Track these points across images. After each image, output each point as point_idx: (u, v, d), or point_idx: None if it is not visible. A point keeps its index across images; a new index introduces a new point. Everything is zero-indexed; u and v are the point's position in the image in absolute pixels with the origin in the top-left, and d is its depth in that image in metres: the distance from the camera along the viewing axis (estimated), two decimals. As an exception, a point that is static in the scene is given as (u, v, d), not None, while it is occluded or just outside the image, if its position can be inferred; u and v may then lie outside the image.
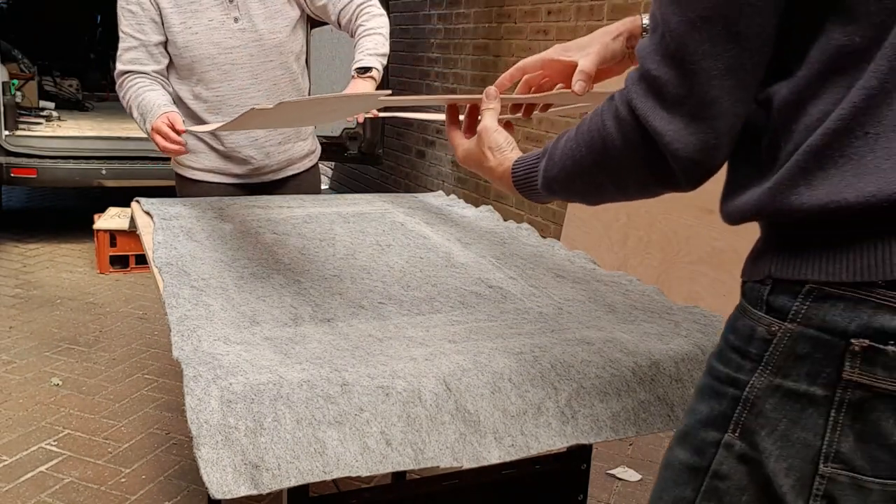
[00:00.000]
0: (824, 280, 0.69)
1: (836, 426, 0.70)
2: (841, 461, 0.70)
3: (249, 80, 1.94)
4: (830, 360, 0.69)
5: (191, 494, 2.17)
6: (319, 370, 0.94)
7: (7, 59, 5.29)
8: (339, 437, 0.87)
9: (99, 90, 7.15)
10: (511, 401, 0.97)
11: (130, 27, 1.88)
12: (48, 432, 2.47)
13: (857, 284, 0.67)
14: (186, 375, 0.91)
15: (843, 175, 0.68)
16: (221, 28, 1.88)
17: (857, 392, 0.68)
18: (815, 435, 0.70)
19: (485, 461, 0.93)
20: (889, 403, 0.68)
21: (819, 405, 0.70)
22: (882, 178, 0.66)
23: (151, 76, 1.91)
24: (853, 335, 0.68)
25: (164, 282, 1.25)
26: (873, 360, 0.67)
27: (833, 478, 0.70)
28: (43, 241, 4.78)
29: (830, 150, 0.68)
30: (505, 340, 1.09)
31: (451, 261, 1.48)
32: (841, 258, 0.69)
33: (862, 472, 0.70)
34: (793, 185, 0.71)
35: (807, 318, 0.70)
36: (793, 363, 0.71)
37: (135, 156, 4.62)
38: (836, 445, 0.70)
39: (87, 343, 3.21)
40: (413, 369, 0.97)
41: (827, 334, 0.69)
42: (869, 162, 0.67)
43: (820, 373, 0.70)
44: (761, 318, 0.73)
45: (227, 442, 0.84)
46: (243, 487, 0.82)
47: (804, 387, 0.71)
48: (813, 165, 0.69)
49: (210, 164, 2.02)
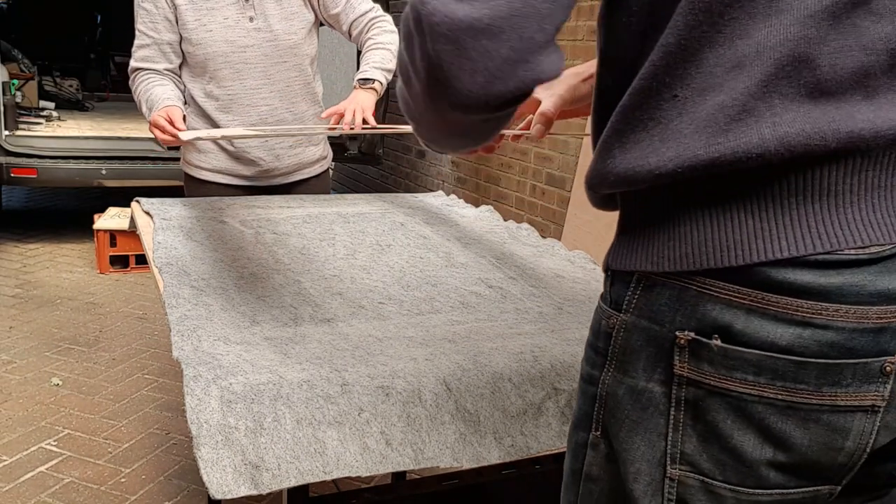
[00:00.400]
0: (650, 270, 0.65)
1: (677, 425, 0.65)
2: (687, 462, 0.66)
3: (262, 80, 1.94)
4: (663, 353, 0.65)
5: (191, 494, 2.17)
6: (319, 370, 0.94)
7: (7, 59, 5.29)
8: (339, 438, 0.87)
9: (99, 90, 7.14)
10: (511, 401, 0.97)
11: (144, 25, 1.89)
12: (48, 432, 2.47)
13: (678, 273, 0.63)
14: (186, 375, 0.90)
15: (651, 139, 0.64)
16: (236, 27, 1.89)
17: (690, 389, 0.64)
18: (658, 435, 0.66)
19: (485, 461, 0.93)
20: (721, 402, 0.63)
21: (659, 403, 0.66)
22: (681, 143, 0.62)
23: (162, 73, 1.91)
24: (679, 327, 0.63)
25: (164, 282, 1.25)
26: (699, 355, 0.63)
27: (682, 480, 0.66)
28: (43, 241, 4.78)
29: (640, 112, 0.65)
30: (505, 340, 1.09)
31: (451, 261, 1.48)
32: (662, 246, 0.65)
33: (711, 477, 0.65)
34: (609, 149, 0.67)
35: (638, 308, 0.66)
36: (629, 357, 0.67)
37: (135, 156, 4.62)
38: (680, 446, 0.65)
39: (87, 343, 3.20)
40: (413, 369, 0.97)
41: (656, 325, 0.65)
42: (675, 126, 0.63)
43: (655, 367, 0.66)
44: (604, 311, 0.70)
45: (227, 442, 0.84)
46: (243, 487, 0.82)
47: (642, 383, 0.66)
48: (625, 127, 0.66)
49: (219, 164, 2.02)
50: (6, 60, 5.22)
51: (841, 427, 0.63)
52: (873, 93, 0.61)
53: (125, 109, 6.28)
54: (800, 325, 0.60)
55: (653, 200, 0.66)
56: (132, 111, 6.15)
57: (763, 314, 0.60)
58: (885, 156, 0.61)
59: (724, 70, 0.61)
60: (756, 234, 0.61)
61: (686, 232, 0.64)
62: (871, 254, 0.60)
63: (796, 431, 0.62)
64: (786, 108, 0.60)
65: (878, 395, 0.62)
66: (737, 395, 0.62)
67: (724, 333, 0.62)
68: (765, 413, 0.62)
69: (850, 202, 0.61)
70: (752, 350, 0.61)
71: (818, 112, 0.60)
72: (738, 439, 0.63)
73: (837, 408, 0.62)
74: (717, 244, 0.62)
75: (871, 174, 0.61)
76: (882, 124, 0.60)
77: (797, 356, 0.61)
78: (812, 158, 0.60)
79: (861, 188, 0.61)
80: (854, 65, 0.60)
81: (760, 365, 0.61)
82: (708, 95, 0.62)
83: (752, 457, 0.63)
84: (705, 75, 0.62)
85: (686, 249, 0.63)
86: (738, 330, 0.61)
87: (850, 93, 0.61)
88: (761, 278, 0.60)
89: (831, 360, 0.60)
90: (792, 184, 0.60)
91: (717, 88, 0.61)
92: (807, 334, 0.60)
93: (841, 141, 0.59)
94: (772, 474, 0.64)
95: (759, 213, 0.61)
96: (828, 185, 0.60)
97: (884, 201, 0.62)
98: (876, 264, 0.60)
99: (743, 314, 0.61)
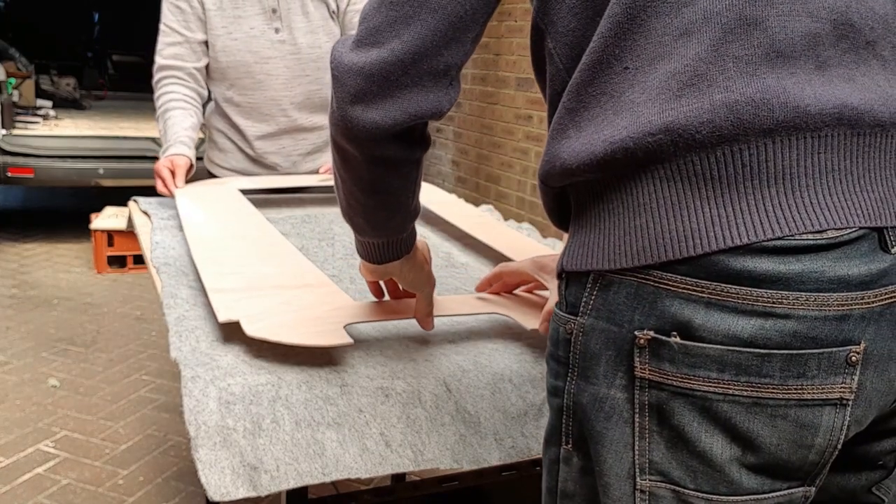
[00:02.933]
0: (606, 268, 0.64)
1: (643, 433, 0.63)
2: (657, 472, 0.63)
3: (283, 91, 1.93)
4: (623, 356, 0.63)
5: (189, 496, 2.16)
6: (318, 371, 0.94)
7: (4, 58, 5.28)
8: (339, 439, 0.86)
9: (96, 89, 7.14)
10: (511, 402, 0.96)
11: (177, 23, 1.86)
12: (45, 434, 2.46)
13: (635, 269, 0.62)
14: (184, 376, 0.90)
15: (605, 113, 0.63)
16: (261, 37, 1.88)
17: (653, 392, 0.62)
18: (624, 445, 0.64)
19: (485, 463, 0.92)
20: (685, 403, 0.61)
21: (622, 410, 0.64)
22: (635, 111, 0.61)
23: (190, 76, 1.88)
24: (638, 326, 0.62)
25: (162, 282, 1.24)
26: (659, 354, 0.61)
27: (654, 492, 0.64)
28: (40, 240, 4.76)
29: (592, 88, 0.64)
30: (505, 341, 1.08)
31: (451, 261, 1.48)
32: (618, 242, 0.63)
33: (683, 485, 0.63)
34: (563, 130, 0.66)
35: (595, 309, 0.64)
36: (590, 363, 0.65)
37: (132, 155, 4.61)
38: (648, 454, 0.63)
39: (84, 344, 3.19)
40: (413, 370, 0.96)
41: (615, 326, 0.63)
42: (627, 97, 0.62)
43: (616, 372, 0.64)
44: (560, 316, 0.68)
45: (226, 443, 0.83)
46: (241, 489, 0.81)
47: (604, 390, 0.64)
48: (578, 105, 0.65)
49: (238, 164, 2.02)
50: (3, 59, 5.21)
51: (809, 423, 0.61)
52: (824, 65, 0.61)
53: (123, 108, 6.27)
54: (761, 315, 0.59)
55: (606, 194, 0.65)
56: (130, 110, 6.15)
57: (723, 307, 0.59)
58: (834, 137, 0.60)
59: (673, 38, 0.61)
60: (713, 221, 0.59)
61: (641, 225, 0.62)
62: (828, 238, 0.59)
63: (764, 430, 0.61)
64: (741, 72, 0.59)
65: (845, 387, 0.61)
66: (701, 394, 0.61)
67: (683, 330, 0.60)
68: (731, 412, 0.60)
69: (806, 185, 0.60)
70: (713, 345, 0.59)
71: (772, 79, 0.59)
72: (706, 442, 0.61)
73: (804, 402, 0.60)
74: (673, 234, 0.60)
75: (824, 157, 0.60)
76: (827, 102, 0.60)
77: (760, 348, 0.59)
78: (761, 132, 0.59)
79: (815, 171, 0.60)
80: (803, 29, 0.60)
81: (723, 360, 0.59)
82: (658, 64, 0.61)
83: (721, 460, 0.62)
84: (654, 45, 0.62)
85: (643, 243, 0.62)
86: (699, 325, 0.60)
87: (803, 59, 0.60)
88: (719, 268, 0.59)
89: (794, 350, 0.59)
90: (746, 167, 0.59)
91: (667, 57, 0.61)
92: (768, 325, 0.59)
93: (788, 113, 0.58)
94: (744, 478, 0.62)
95: (715, 200, 0.60)
96: (782, 167, 0.59)
97: (838, 184, 0.61)
98: (834, 250, 0.59)
99: (702, 308, 0.59)
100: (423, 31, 0.67)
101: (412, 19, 0.67)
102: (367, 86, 0.68)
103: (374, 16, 0.69)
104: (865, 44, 0.63)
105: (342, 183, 0.81)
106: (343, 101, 0.70)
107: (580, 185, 0.68)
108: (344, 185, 0.81)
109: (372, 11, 0.69)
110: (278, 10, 1.87)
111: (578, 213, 0.69)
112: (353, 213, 0.84)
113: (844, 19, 0.62)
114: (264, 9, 1.86)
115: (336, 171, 0.81)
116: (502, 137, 4.09)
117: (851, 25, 0.62)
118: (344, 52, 0.70)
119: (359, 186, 0.79)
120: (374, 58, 0.68)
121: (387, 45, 0.67)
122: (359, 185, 0.79)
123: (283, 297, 1.07)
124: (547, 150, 0.70)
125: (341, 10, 1.94)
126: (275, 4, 1.86)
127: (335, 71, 0.70)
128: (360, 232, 0.88)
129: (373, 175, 0.77)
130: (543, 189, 0.75)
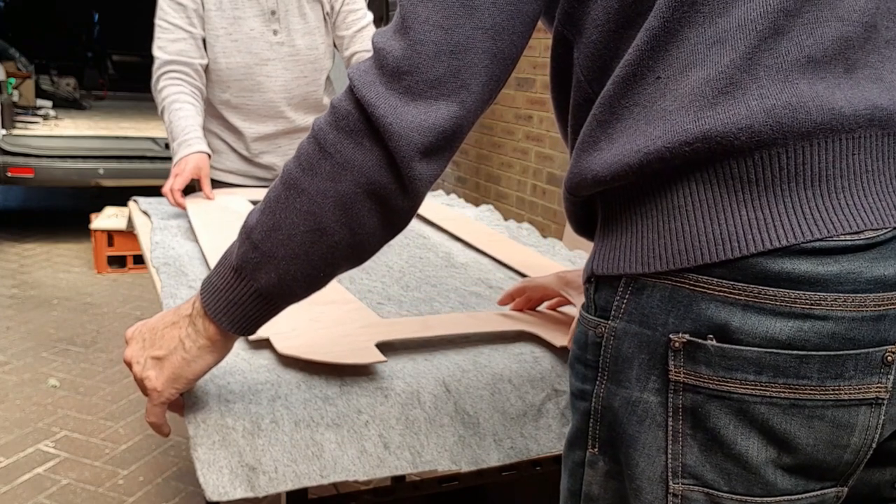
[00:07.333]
0: (640, 272, 0.63)
1: (676, 436, 0.63)
2: (690, 475, 0.63)
3: (281, 93, 1.93)
4: (656, 360, 0.62)
5: (188, 496, 2.16)
6: (317, 370, 0.93)
7: (4, 58, 5.28)
8: (337, 440, 0.86)
9: (96, 89, 7.14)
10: (511, 402, 0.96)
11: (180, 19, 1.84)
12: (45, 434, 2.45)
13: (670, 272, 0.61)
14: (183, 377, 0.89)
15: (637, 123, 0.63)
16: (260, 39, 1.87)
17: (688, 396, 0.62)
18: (657, 449, 0.63)
19: (484, 464, 0.92)
20: (721, 406, 0.61)
21: (655, 414, 0.63)
22: (668, 120, 0.61)
23: (196, 72, 1.86)
24: (672, 330, 0.61)
25: (162, 282, 1.24)
26: (695, 358, 0.61)
27: (687, 495, 0.63)
28: (40, 240, 4.76)
29: (625, 100, 0.64)
30: (505, 341, 1.08)
31: (451, 261, 1.48)
32: (651, 245, 0.63)
33: (716, 488, 0.62)
34: (595, 142, 0.66)
35: (627, 313, 0.64)
36: (621, 366, 0.65)
37: (132, 155, 4.62)
38: (681, 458, 0.63)
39: (84, 344, 3.19)
40: (412, 370, 0.96)
41: (648, 329, 0.63)
42: (660, 106, 0.62)
43: (649, 376, 0.63)
44: (590, 320, 0.68)
45: (224, 443, 0.83)
46: (239, 490, 0.81)
47: (637, 393, 0.64)
48: (610, 118, 0.65)
49: (232, 165, 2.01)
50: (3, 59, 5.21)
51: (846, 423, 0.61)
52: (852, 67, 0.61)
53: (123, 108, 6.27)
54: (799, 317, 0.59)
55: (638, 198, 0.65)
56: (130, 110, 6.15)
57: (760, 309, 0.59)
58: (867, 139, 0.61)
59: (706, 46, 0.61)
60: (751, 223, 0.60)
61: (676, 228, 0.62)
62: (865, 239, 0.59)
63: (801, 431, 0.61)
64: (772, 81, 0.60)
65: (881, 386, 0.61)
66: (738, 397, 0.61)
67: (720, 332, 0.60)
68: (768, 414, 0.61)
69: (842, 187, 0.60)
70: (751, 348, 0.59)
71: (805, 84, 0.60)
72: (742, 444, 0.61)
73: (841, 402, 0.61)
74: (710, 237, 0.60)
75: (859, 158, 0.61)
76: (859, 103, 0.60)
77: (798, 350, 0.59)
78: (799, 135, 0.59)
79: (850, 172, 0.60)
80: (834, 34, 0.61)
81: (761, 363, 0.59)
82: (690, 72, 0.61)
83: (757, 462, 0.62)
84: (686, 53, 0.62)
85: (678, 246, 0.61)
86: (736, 327, 0.60)
87: (833, 63, 0.61)
88: (757, 271, 0.59)
89: (833, 351, 0.59)
90: (784, 170, 0.60)
91: (700, 64, 0.61)
92: (806, 327, 0.59)
93: (824, 115, 0.59)
94: (779, 479, 0.62)
95: (753, 203, 0.60)
96: (819, 170, 0.60)
97: (873, 185, 0.61)
98: (871, 250, 0.59)
99: (740, 310, 0.59)
100: (486, 80, 0.66)
101: (476, 68, 0.65)
102: (437, 142, 0.66)
103: (434, 66, 0.64)
104: (885, 42, 0.64)
105: (321, 228, 0.71)
106: (408, 158, 0.66)
107: (609, 192, 0.68)
108: (321, 231, 0.71)
109: (428, 60, 0.64)
110: (277, 11, 1.87)
111: (608, 218, 0.69)
112: (301, 253, 0.72)
113: (873, 21, 0.62)
114: (263, 10, 1.86)
115: (318, 213, 0.71)
116: (502, 137, 4.09)
117: (874, 26, 0.63)
118: (398, 106, 0.65)
119: (345, 237, 0.71)
120: (444, 114, 0.65)
121: (455, 98, 0.65)
122: (346, 238, 0.71)
123: (311, 313, 1.07)
124: (575, 161, 0.69)
125: (335, 11, 1.94)
126: (274, 6, 1.86)
127: (393, 126, 0.65)
128: (287, 281, 0.73)
129: (381, 233, 0.72)
130: (570, 199, 0.74)
